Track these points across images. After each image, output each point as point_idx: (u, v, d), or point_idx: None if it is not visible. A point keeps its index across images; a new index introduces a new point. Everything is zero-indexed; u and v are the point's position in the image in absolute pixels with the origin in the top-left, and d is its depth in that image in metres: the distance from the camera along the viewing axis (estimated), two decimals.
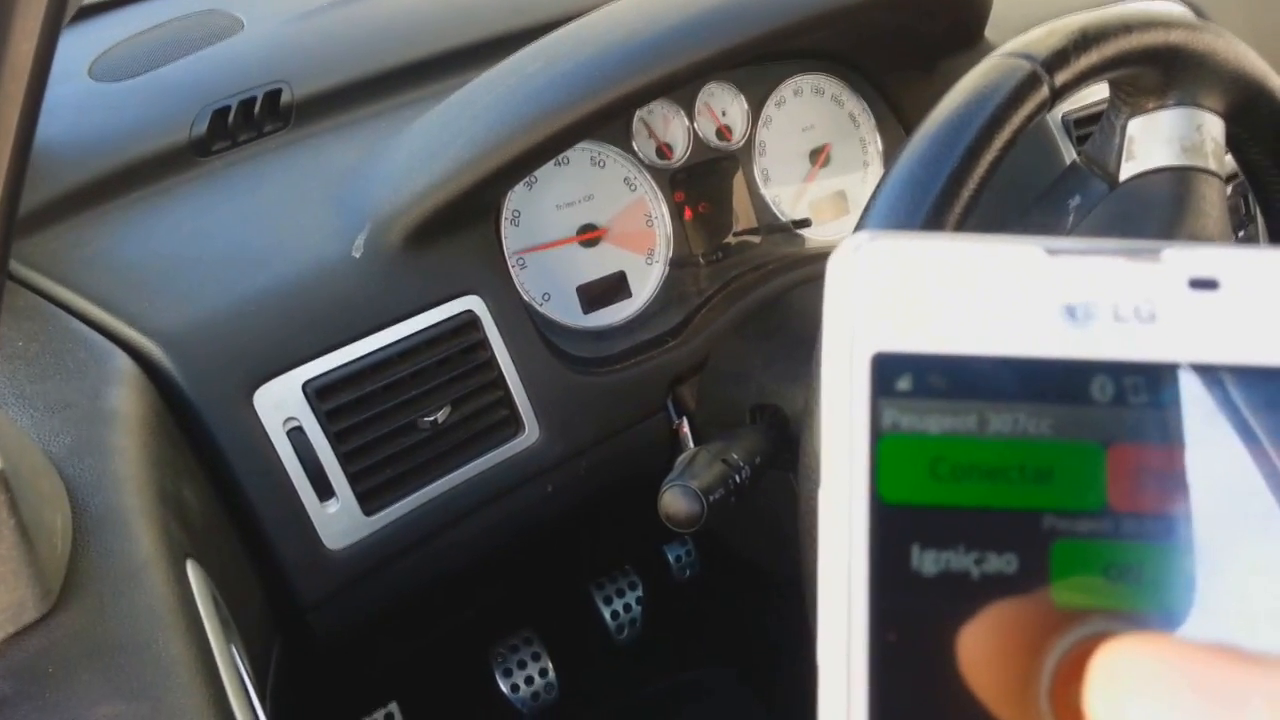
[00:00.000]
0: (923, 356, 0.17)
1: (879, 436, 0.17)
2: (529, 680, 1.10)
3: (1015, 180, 0.79)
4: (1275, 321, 0.17)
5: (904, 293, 0.18)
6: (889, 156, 0.93)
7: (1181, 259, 0.18)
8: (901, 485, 0.17)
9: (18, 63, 0.28)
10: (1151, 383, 0.17)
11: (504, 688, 1.09)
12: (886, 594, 0.17)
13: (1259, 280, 0.17)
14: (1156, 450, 0.17)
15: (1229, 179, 0.86)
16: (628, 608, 1.17)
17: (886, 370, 0.17)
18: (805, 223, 0.90)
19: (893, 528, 0.17)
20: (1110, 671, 0.16)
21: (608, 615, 1.16)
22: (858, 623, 0.17)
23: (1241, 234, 0.99)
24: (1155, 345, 0.17)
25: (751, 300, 0.84)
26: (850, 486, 0.17)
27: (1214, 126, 0.62)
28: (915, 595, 0.17)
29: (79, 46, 0.81)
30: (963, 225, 0.52)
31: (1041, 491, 0.17)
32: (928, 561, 0.17)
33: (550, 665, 1.11)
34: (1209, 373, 0.17)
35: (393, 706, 1.04)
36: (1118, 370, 0.17)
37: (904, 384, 0.17)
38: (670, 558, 1.17)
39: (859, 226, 0.52)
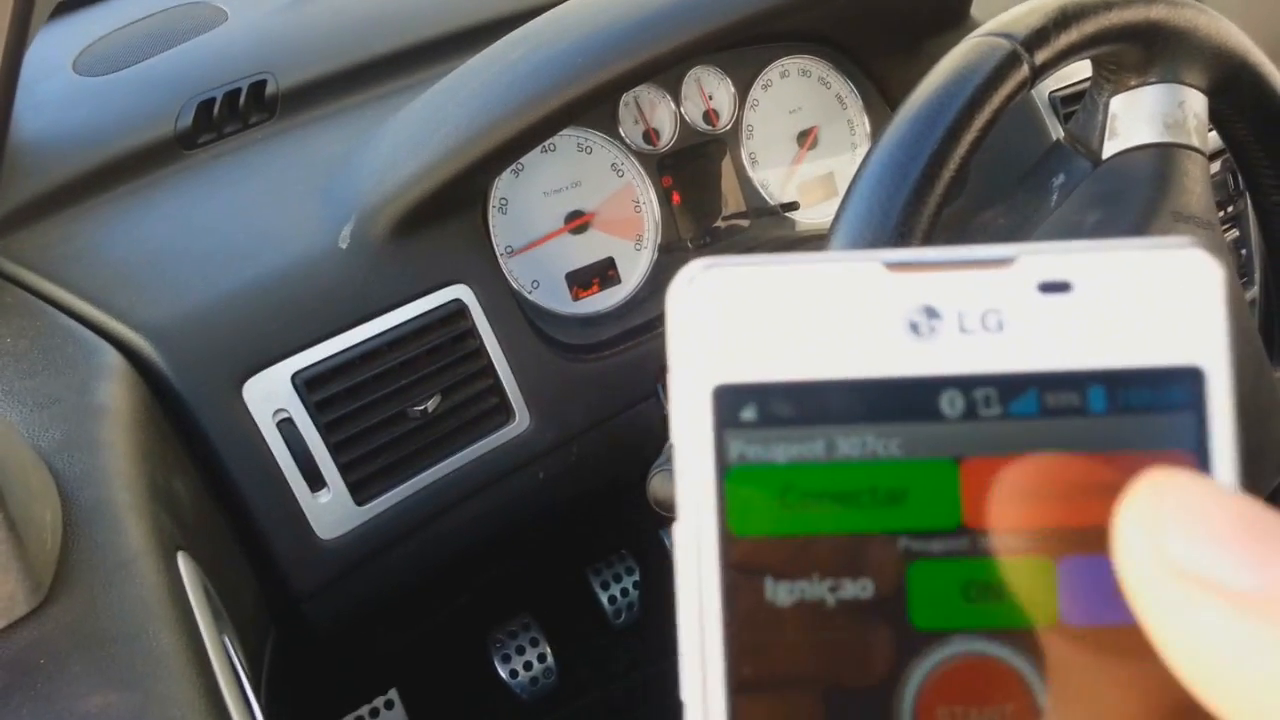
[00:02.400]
0: (765, 385, 0.17)
1: (726, 469, 0.17)
2: (527, 665, 1.11)
3: (1003, 160, 0.79)
4: (1131, 322, 0.17)
5: (743, 321, 0.17)
6: (876, 137, 0.93)
7: (1031, 263, 0.17)
8: (751, 517, 0.17)
9: None
10: (1003, 393, 0.17)
11: (502, 673, 1.10)
12: (742, 628, 0.17)
13: (1113, 280, 0.17)
14: (1011, 463, 0.17)
15: (1216, 155, 0.86)
16: (625, 592, 1.18)
17: (729, 402, 0.17)
18: (794, 206, 0.90)
19: (745, 561, 0.17)
20: (1147, 498, 0.15)
21: (605, 600, 1.17)
22: (713, 658, 0.17)
23: (1230, 208, 0.99)
24: (1004, 354, 0.17)
25: None
26: (700, 521, 0.17)
27: (1196, 102, 0.61)
28: (771, 628, 0.17)
29: (63, 41, 0.81)
30: (945, 205, 0.52)
31: (894, 513, 0.17)
32: (781, 593, 0.17)
33: (548, 650, 1.11)
34: (1063, 379, 0.17)
35: (392, 693, 1.05)
36: (966, 383, 0.17)
37: (748, 414, 0.17)
38: (666, 541, 1.18)
39: (840, 211, 0.52)
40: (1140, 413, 0.17)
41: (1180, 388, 0.16)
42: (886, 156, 0.51)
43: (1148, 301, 0.17)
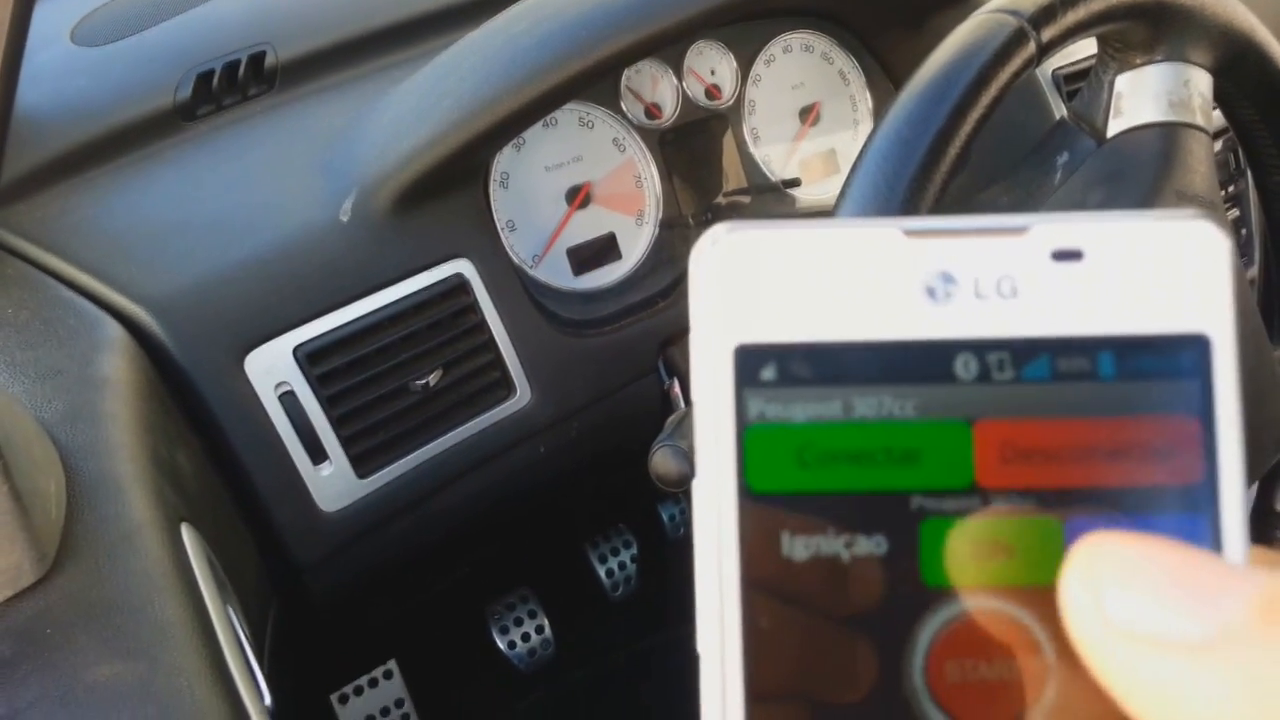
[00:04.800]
0: (785, 346, 0.17)
1: (745, 427, 0.17)
2: (525, 637, 1.12)
3: (1006, 137, 0.79)
4: (1140, 290, 0.17)
5: (764, 283, 0.17)
6: (879, 114, 0.93)
7: (1045, 232, 0.17)
8: (769, 474, 0.17)
9: None
10: (1016, 357, 0.17)
11: (501, 644, 1.11)
12: (758, 581, 0.17)
13: (1123, 249, 0.17)
14: (1023, 425, 0.17)
15: (1219, 134, 0.86)
16: (622, 565, 1.18)
17: (749, 362, 0.17)
18: (795, 182, 0.90)
19: (762, 517, 0.17)
20: (1092, 558, 0.16)
21: (603, 573, 1.17)
22: (731, 610, 0.17)
23: (1231, 188, 0.99)
24: (1018, 320, 0.17)
25: None
26: (719, 478, 0.17)
27: (1201, 81, 0.61)
28: (787, 581, 0.17)
29: (60, 11, 0.80)
30: (950, 182, 0.52)
31: (909, 472, 0.17)
32: (798, 548, 0.17)
33: (546, 622, 1.12)
34: (1074, 344, 0.17)
35: (391, 664, 1.06)
36: (980, 347, 0.17)
37: (768, 374, 0.17)
38: (664, 516, 1.18)
39: (846, 187, 0.52)
40: (1148, 378, 0.17)
41: (1187, 354, 0.17)
42: (892, 132, 0.51)
43: (1156, 270, 0.17)
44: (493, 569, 1.09)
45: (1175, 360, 0.17)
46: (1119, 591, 0.15)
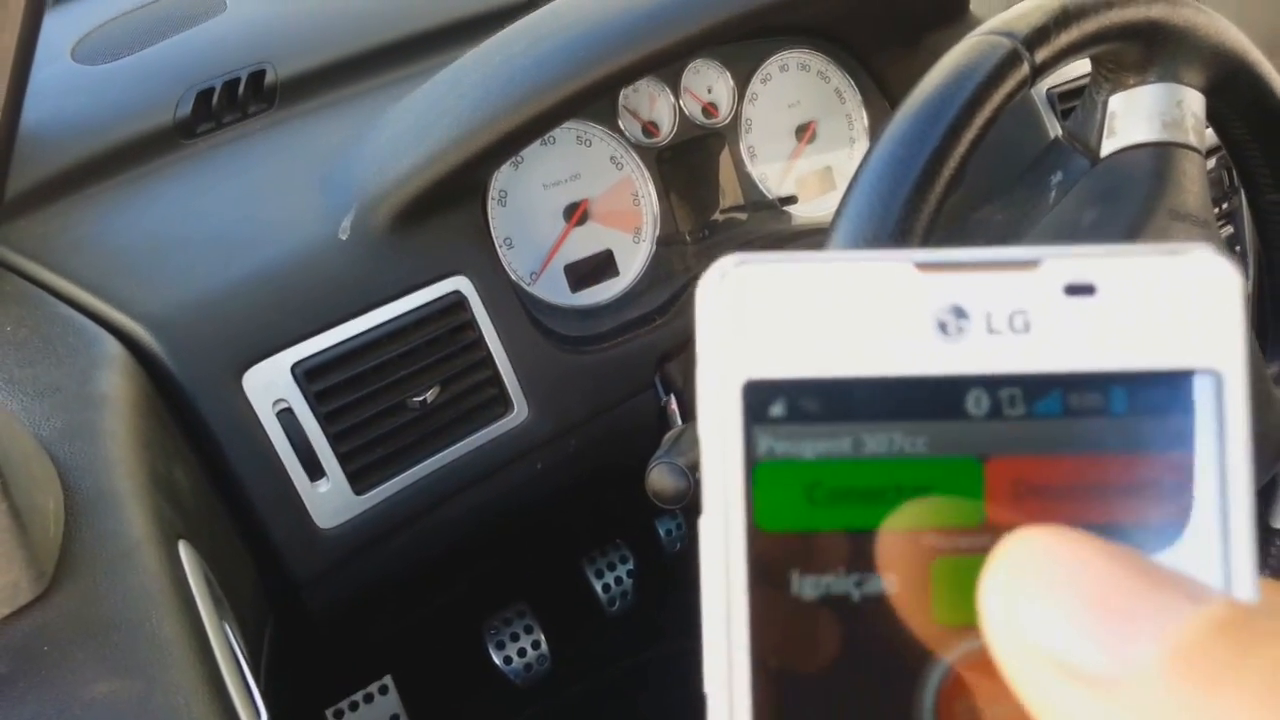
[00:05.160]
0: (795, 381, 0.17)
1: (754, 464, 0.17)
2: (521, 652, 1.12)
3: (1001, 155, 0.79)
4: (1153, 324, 0.17)
5: (773, 317, 0.17)
6: (875, 132, 0.93)
7: (1057, 266, 0.17)
8: (779, 512, 0.17)
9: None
10: (1028, 393, 0.17)
11: (497, 659, 1.10)
12: (767, 621, 0.17)
13: (1136, 283, 0.17)
14: (1035, 462, 0.17)
15: (1212, 152, 0.86)
16: (619, 580, 1.18)
17: (759, 397, 0.17)
18: (791, 199, 0.90)
19: (771, 555, 0.17)
20: (1009, 565, 0.15)
21: (599, 588, 1.17)
22: (739, 650, 0.17)
23: (1225, 205, 0.99)
24: (1030, 355, 0.17)
25: None
26: (727, 515, 0.17)
27: (1194, 102, 0.62)
28: (796, 621, 0.17)
29: (61, 29, 0.81)
30: (945, 202, 0.53)
31: (919, 510, 0.17)
32: (807, 587, 0.17)
33: (542, 637, 1.12)
34: (1086, 380, 0.17)
35: (387, 679, 1.05)
36: (993, 383, 0.17)
37: (777, 410, 0.17)
38: (661, 531, 1.18)
39: (841, 206, 0.52)
40: (1160, 414, 0.17)
41: (1199, 390, 0.17)
42: (887, 153, 0.52)
43: (1169, 306, 0.17)
44: (489, 584, 1.09)
45: (1187, 396, 0.17)
46: (1032, 604, 0.15)
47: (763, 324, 0.17)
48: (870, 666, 0.17)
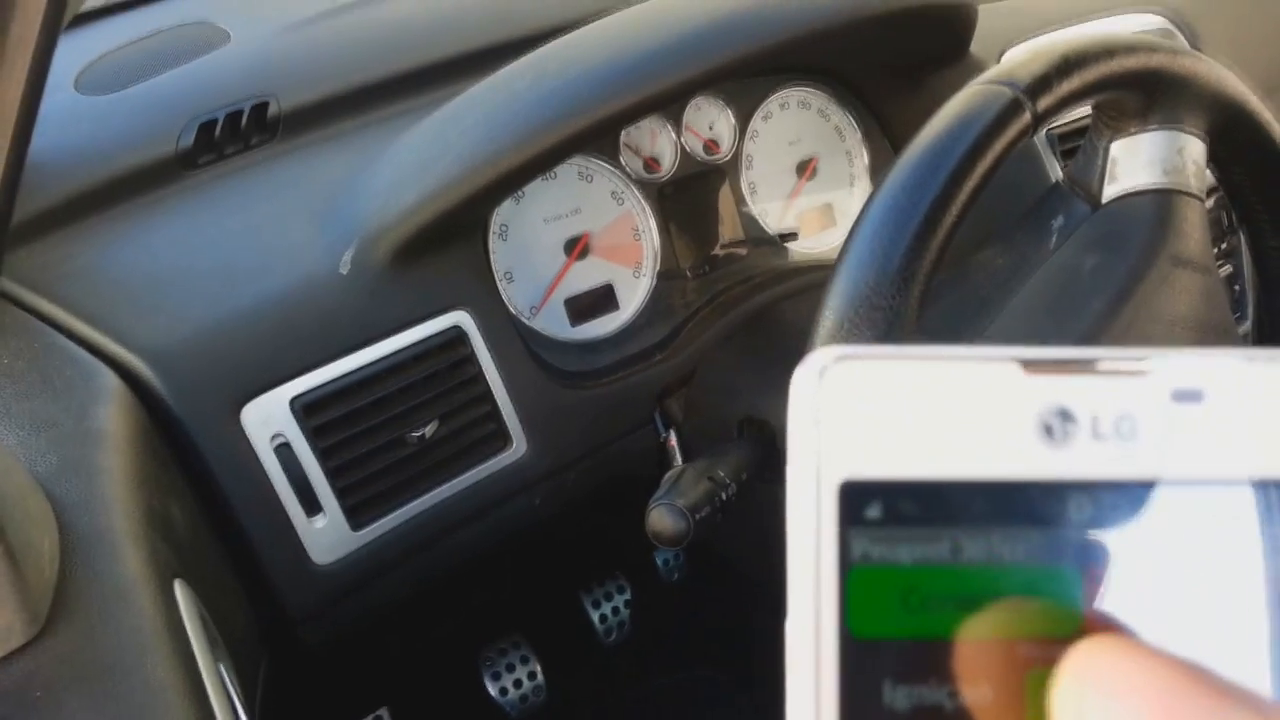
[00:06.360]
0: (893, 483, 0.16)
1: (848, 568, 0.16)
2: (517, 683, 1.11)
3: (1002, 197, 0.79)
4: (1263, 431, 0.16)
5: (872, 414, 0.17)
6: (875, 170, 0.94)
7: (1165, 370, 0.17)
8: (872, 619, 0.16)
9: (5, 113, 0.28)
10: (1132, 502, 0.16)
11: (493, 691, 1.10)
12: None
13: (1244, 390, 0.17)
14: (1135, 573, 0.16)
15: (1211, 192, 0.87)
16: (616, 611, 1.18)
17: (855, 498, 0.16)
18: (792, 235, 0.90)
19: (864, 663, 0.16)
20: (1079, 673, 0.15)
21: (596, 618, 1.17)
22: None
23: (1224, 244, 0.99)
24: (1136, 463, 0.16)
25: (739, 313, 0.84)
26: (818, 620, 0.16)
27: (1195, 148, 0.62)
28: None
29: (64, 59, 0.81)
30: (947, 250, 0.53)
31: (1016, 619, 0.16)
32: (900, 697, 0.16)
33: (539, 668, 1.11)
34: (1192, 489, 0.16)
35: (383, 711, 1.04)
36: (1096, 490, 0.16)
37: (874, 512, 0.16)
38: (658, 562, 1.18)
39: (842, 255, 0.52)
40: (1265, 525, 0.16)
41: None
42: (889, 201, 0.52)
43: (1276, 413, 0.17)
44: (485, 616, 1.08)
45: None
46: (1095, 715, 0.15)
47: (861, 421, 0.17)
48: None
